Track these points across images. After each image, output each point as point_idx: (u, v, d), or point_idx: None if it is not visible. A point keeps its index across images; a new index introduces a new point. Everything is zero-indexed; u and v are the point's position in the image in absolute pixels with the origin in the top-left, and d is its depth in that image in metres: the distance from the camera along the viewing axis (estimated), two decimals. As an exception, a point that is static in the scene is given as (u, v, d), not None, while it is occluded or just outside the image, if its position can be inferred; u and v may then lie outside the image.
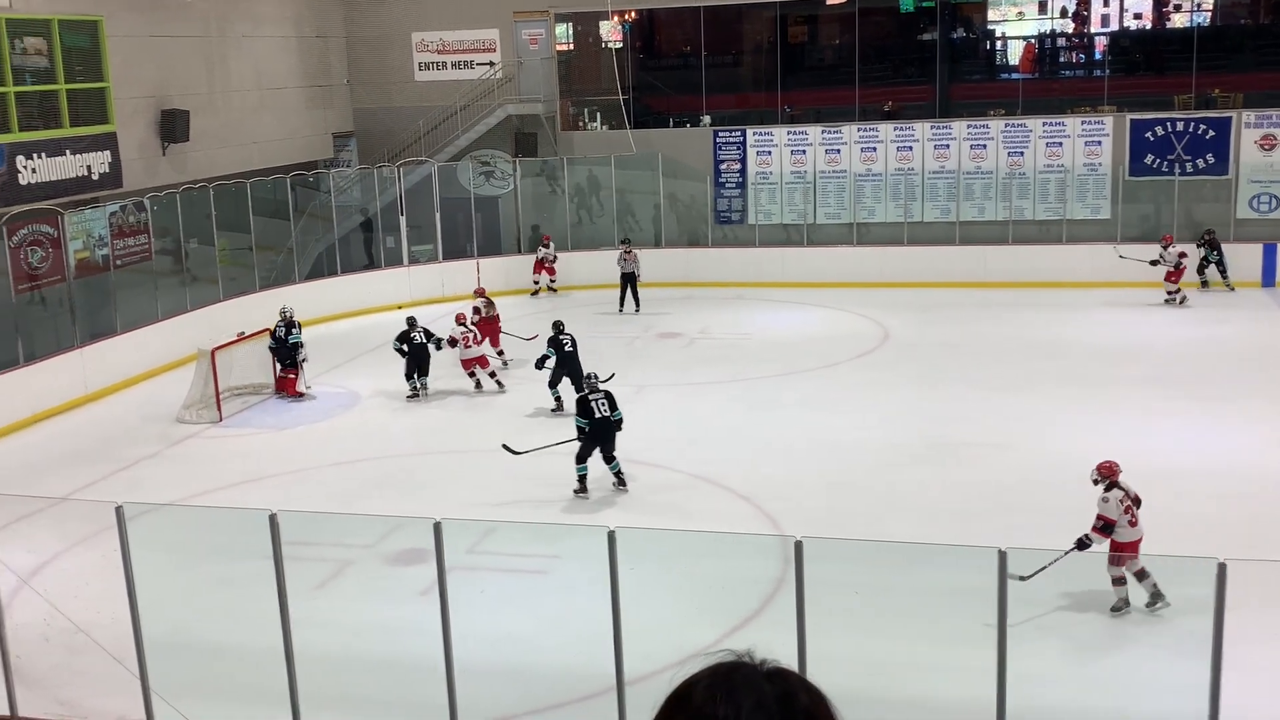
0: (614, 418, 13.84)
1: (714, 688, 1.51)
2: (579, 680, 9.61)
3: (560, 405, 17.47)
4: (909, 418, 16.55)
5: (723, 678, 1.52)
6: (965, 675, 9.38)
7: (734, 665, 1.54)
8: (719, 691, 1.50)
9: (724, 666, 1.54)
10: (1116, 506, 10.41)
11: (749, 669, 1.53)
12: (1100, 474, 10.69)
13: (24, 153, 19.27)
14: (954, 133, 26.25)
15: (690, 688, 1.53)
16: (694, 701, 1.50)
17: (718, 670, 1.54)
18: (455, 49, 28.62)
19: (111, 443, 16.95)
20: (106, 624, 9.81)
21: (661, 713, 1.54)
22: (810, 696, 1.53)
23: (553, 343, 17.59)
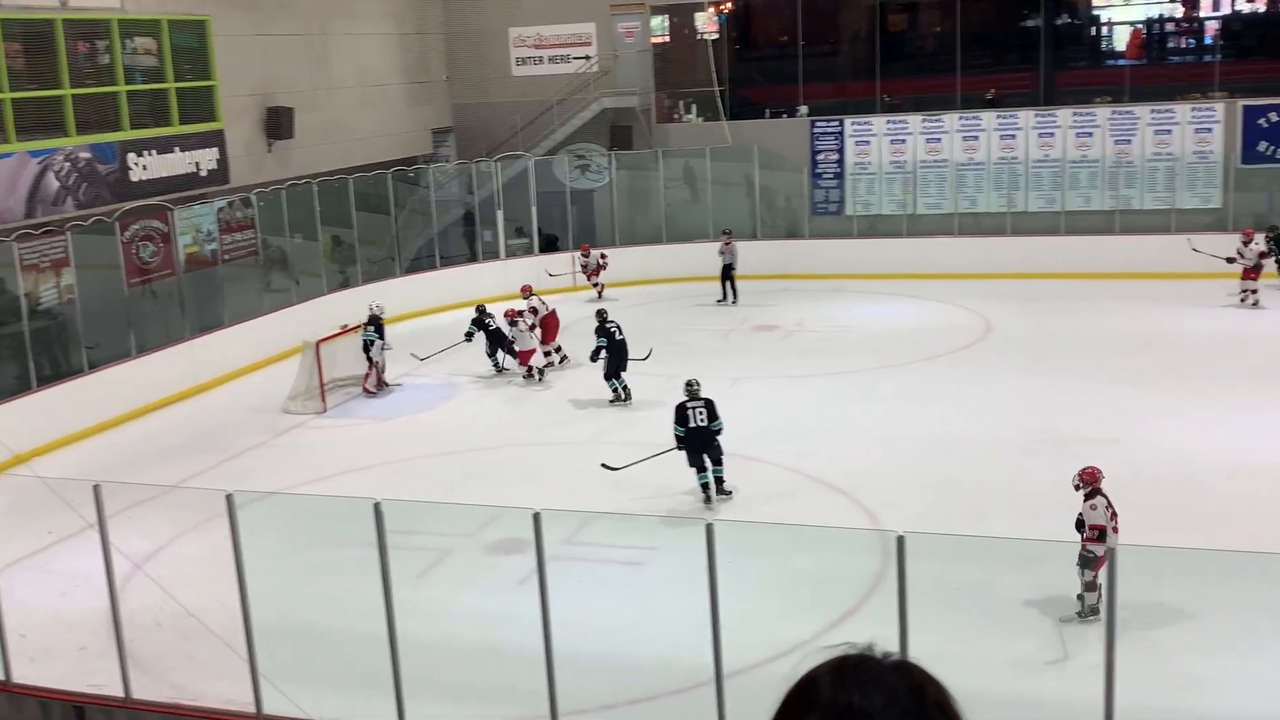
0: (713, 427, 13.35)
1: (843, 681, 1.47)
2: (676, 672, 9.61)
3: (618, 396, 17.65)
4: (1012, 411, 16.25)
5: (851, 671, 1.48)
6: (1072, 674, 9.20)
7: (860, 658, 1.51)
8: (850, 684, 1.46)
9: (850, 659, 1.51)
10: (1104, 513, 10.10)
11: (875, 662, 1.50)
12: (1083, 480, 10.34)
13: (135, 150, 19.81)
14: (1058, 121, 25.69)
15: (814, 681, 1.50)
16: (821, 695, 1.47)
17: (844, 663, 1.50)
18: (552, 43, 28.78)
19: (220, 432, 17.37)
20: (216, 609, 10.05)
21: (785, 706, 1.51)
22: (937, 689, 1.50)
23: (602, 332, 17.69)
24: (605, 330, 17.66)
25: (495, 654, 10.33)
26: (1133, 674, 8.03)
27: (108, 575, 9.28)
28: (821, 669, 1.51)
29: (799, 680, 1.52)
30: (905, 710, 1.44)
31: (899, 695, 1.45)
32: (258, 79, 23.31)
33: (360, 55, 26.61)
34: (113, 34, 19.38)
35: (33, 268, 17.32)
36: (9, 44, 17.68)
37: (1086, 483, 10.29)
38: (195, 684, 9.96)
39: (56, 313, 18.03)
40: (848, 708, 1.44)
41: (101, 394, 17.79)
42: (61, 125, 18.47)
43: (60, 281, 17.78)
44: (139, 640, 10.29)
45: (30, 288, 17.30)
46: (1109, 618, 7.39)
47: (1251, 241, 21.54)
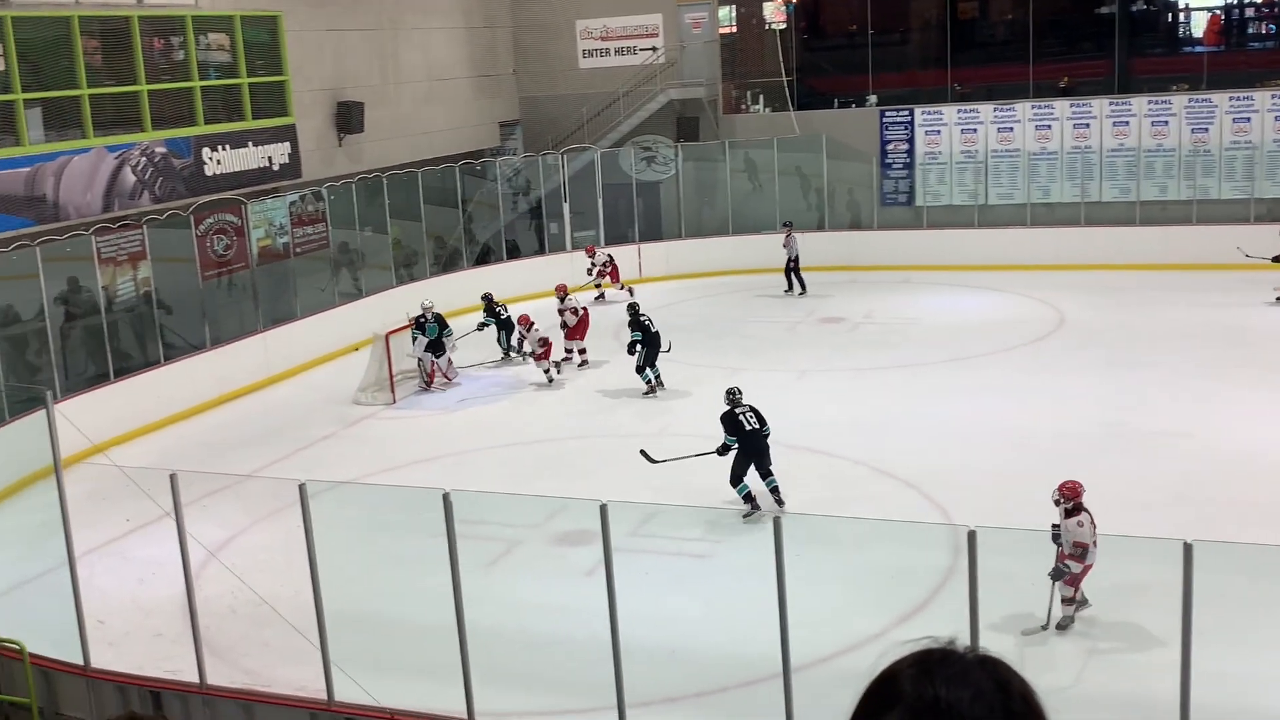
0: (764, 431, 12.99)
1: (928, 675, 1.45)
2: (744, 665, 9.58)
3: (652, 388, 17.79)
4: (1086, 405, 16.00)
5: (936, 665, 1.46)
6: (1147, 672, 9.04)
7: (945, 652, 1.48)
8: (936, 678, 1.44)
9: (934, 653, 1.48)
10: (1090, 530, 9.74)
11: (959, 656, 1.47)
12: (1064, 495, 9.93)
13: (209, 145, 20.13)
14: (1134, 109, 25.21)
15: (895, 676, 1.47)
16: (903, 689, 1.44)
17: (928, 657, 1.48)
18: (619, 35, 28.77)
19: (292, 423, 17.61)
20: (289, 597, 10.20)
21: (866, 701, 1.49)
22: (1021, 684, 1.47)
23: (637, 325, 17.75)
24: (640, 323, 17.79)
25: (562, 644, 10.38)
26: (1206, 671, 7.87)
27: (184, 562, 9.45)
28: (902, 663, 1.49)
29: (879, 675, 1.50)
30: (992, 705, 1.42)
31: (985, 690, 1.43)
32: (328, 74, 23.58)
33: (429, 49, 26.81)
34: (187, 30, 19.70)
35: (110, 261, 17.68)
36: (87, 41, 18.03)
37: (1068, 497, 9.90)
38: (269, 670, 10.11)
39: (133, 305, 18.39)
40: (934, 702, 1.42)
41: (177, 385, 18.13)
42: (138, 121, 18.82)
43: (137, 274, 18.13)
44: (214, 627, 10.47)
45: (108, 281, 17.65)
46: (1185, 614, 7.24)
47: None
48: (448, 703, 8.85)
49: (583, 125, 28.35)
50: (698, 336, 21.25)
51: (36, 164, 17.04)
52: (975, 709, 1.41)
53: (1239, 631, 9.63)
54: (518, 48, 29.70)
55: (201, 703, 9.47)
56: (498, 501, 12.24)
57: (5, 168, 16.60)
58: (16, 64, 16.67)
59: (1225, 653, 9.00)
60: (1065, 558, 9.80)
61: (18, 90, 16.76)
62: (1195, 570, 7.13)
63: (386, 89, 25.30)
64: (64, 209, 17.48)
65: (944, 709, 1.41)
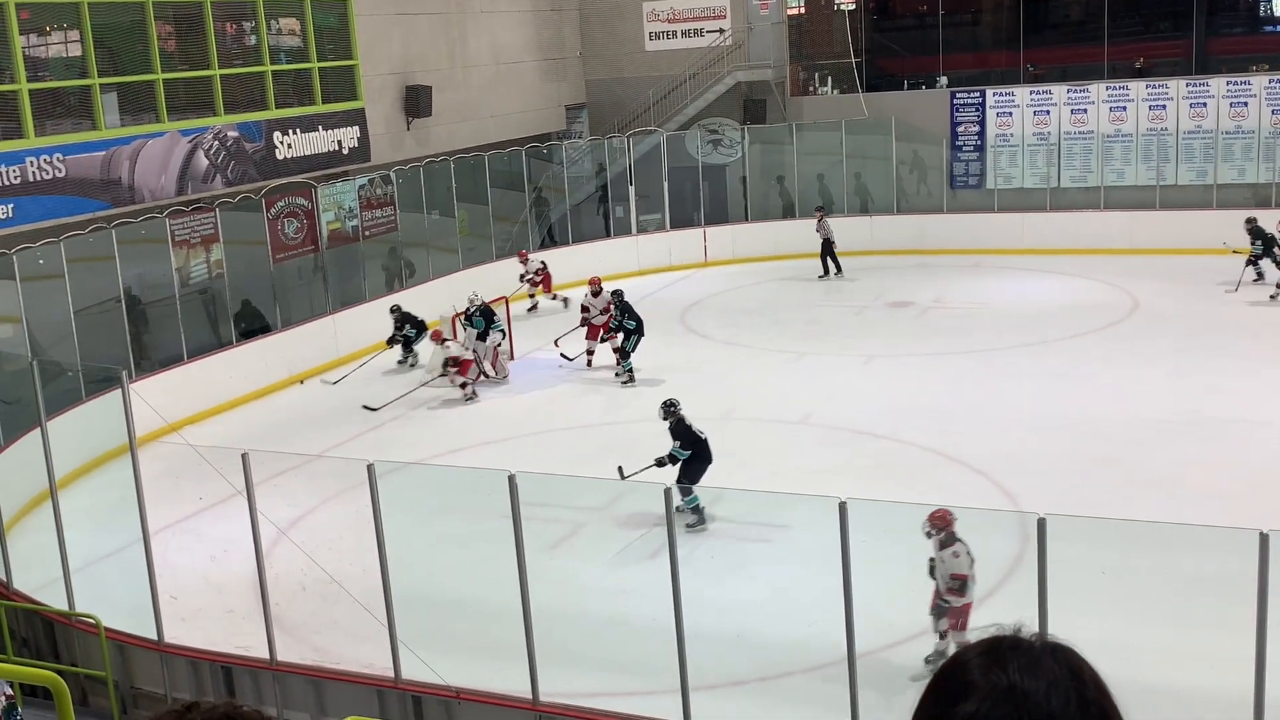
0: (701, 434, 12.73)
1: (1000, 662, 1.41)
2: (809, 650, 9.54)
3: (631, 377, 17.87)
4: (1160, 392, 15.71)
5: (1008, 652, 1.42)
6: (1220, 664, 8.86)
7: (1015, 640, 1.44)
8: (1009, 666, 1.40)
9: (1005, 640, 1.44)
10: (967, 561, 9.00)
11: (1030, 644, 1.44)
12: (934, 525, 9.12)
13: (280, 129, 20.36)
14: (1211, 90, 24.64)
15: (965, 664, 1.43)
16: (973, 677, 1.41)
17: (999, 644, 1.44)
18: (686, 17, 28.64)
19: (359, 404, 17.78)
20: (358, 576, 10.32)
21: (935, 690, 1.45)
22: (1093, 672, 1.44)
23: (633, 315, 17.96)
24: (635, 314, 17.98)
25: (626, 627, 10.40)
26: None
27: (255, 540, 9.60)
28: (971, 652, 1.45)
29: (947, 663, 1.47)
30: (1067, 694, 1.38)
31: (1059, 678, 1.39)
32: (397, 58, 23.73)
33: (496, 33, 26.88)
34: (258, 15, 19.92)
35: (184, 243, 17.96)
36: (161, 26, 18.31)
37: (939, 527, 9.13)
38: (337, 648, 10.24)
39: (206, 286, 18.68)
40: (1010, 690, 1.38)
41: (249, 365, 18.39)
42: (210, 105, 19.08)
43: (210, 257, 18.41)
44: (284, 604, 10.62)
45: (181, 263, 17.94)
46: (1260, 606, 7.09)
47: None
48: (512, 683, 8.91)
49: (649, 108, 28.29)
50: (763, 320, 21.17)
51: (112, 148, 17.35)
52: (1051, 697, 1.37)
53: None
54: (584, 31, 29.68)
55: (271, 679, 9.62)
56: (563, 483, 12.28)
57: (82, 151, 16.91)
58: (93, 49, 16.96)
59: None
60: (944, 594, 9.13)
61: (94, 75, 17.06)
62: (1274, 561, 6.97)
63: (454, 73, 25.41)
64: (139, 192, 17.78)
65: (1020, 696, 1.37)
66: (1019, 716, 1.37)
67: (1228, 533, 9.02)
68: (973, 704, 1.39)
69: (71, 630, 10.50)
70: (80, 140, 16.97)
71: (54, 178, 16.43)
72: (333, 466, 13.64)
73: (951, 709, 1.40)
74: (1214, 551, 9.83)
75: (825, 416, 15.68)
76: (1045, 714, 1.37)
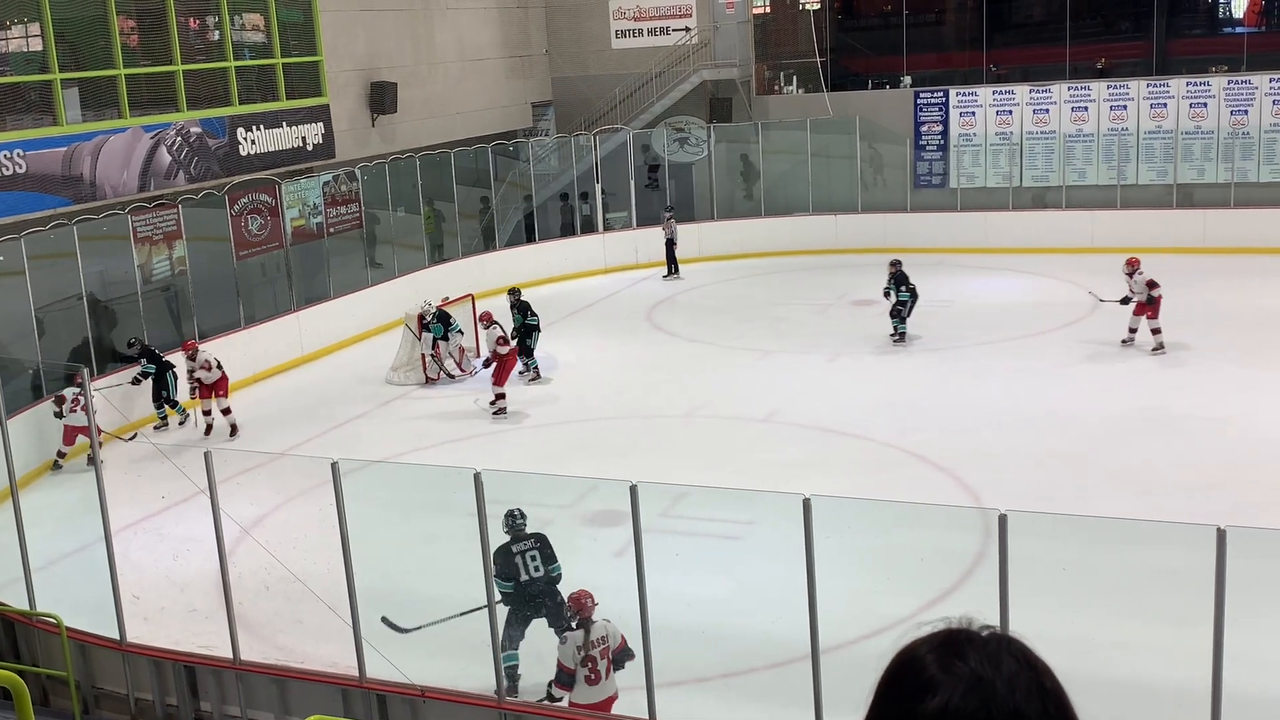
0: (552, 573, 9.39)
1: (959, 656, 1.40)
2: (773, 646, 9.60)
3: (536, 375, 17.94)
4: (1121, 389, 15.88)
5: (965, 645, 1.42)
6: (1178, 657, 8.98)
7: (969, 634, 1.44)
8: (970, 660, 1.40)
9: (960, 634, 1.44)
10: (574, 653, 8.20)
11: (984, 638, 1.44)
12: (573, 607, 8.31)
13: (244, 125, 20.23)
14: (1172, 90, 24.92)
15: (919, 659, 1.43)
16: (932, 673, 1.40)
17: (955, 637, 1.44)
18: (651, 15, 28.65)
19: (325, 402, 17.73)
20: (322, 574, 10.28)
21: (890, 687, 1.44)
22: (1044, 663, 1.44)
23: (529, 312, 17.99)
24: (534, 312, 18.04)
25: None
26: (1240, 657, 7.82)
27: (218, 539, 9.54)
28: (923, 646, 1.44)
29: (898, 660, 1.45)
30: (1027, 684, 1.39)
31: (1017, 669, 1.40)
32: (362, 54, 23.62)
33: (462, 30, 26.80)
34: (222, 10, 19.77)
35: (146, 240, 17.82)
36: (123, 21, 18.14)
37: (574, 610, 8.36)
38: (301, 647, 10.20)
39: (169, 284, 18.53)
40: (977, 681, 1.37)
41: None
42: (173, 101, 18.93)
43: (172, 254, 18.26)
44: (248, 603, 10.57)
45: (144, 260, 17.80)
46: (1218, 600, 7.19)
47: (1138, 271, 17.72)
48: (478, 681, 8.91)
49: (615, 106, 28.28)
50: (729, 319, 21.23)
51: (73, 143, 17.18)
52: (1015, 689, 1.37)
53: (1273, 618, 9.56)
54: (550, 28, 29.64)
55: (235, 678, 9.57)
56: (529, 481, 12.28)
57: (42, 147, 16.74)
58: (54, 44, 16.79)
59: (1258, 639, 8.93)
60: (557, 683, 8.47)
61: (55, 70, 16.88)
62: (1231, 556, 7.08)
63: (419, 69, 25.32)
64: (100, 188, 17.62)
65: (987, 689, 1.37)
66: (987, 708, 1.36)
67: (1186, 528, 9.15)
68: (941, 698, 1.37)
69: (32, 630, 10.41)
70: (41, 136, 16.79)
71: (14, 174, 16.26)
72: (297, 465, 13.57)
73: (916, 705, 1.39)
74: (1173, 547, 9.96)
75: (790, 414, 15.76)
76: (1010, 706, 1.37)
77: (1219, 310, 19.68)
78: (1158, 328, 17.38)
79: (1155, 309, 17.44)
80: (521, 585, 9.30)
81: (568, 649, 8.28)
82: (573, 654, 8.27)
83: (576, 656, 8.27)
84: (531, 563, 9.31)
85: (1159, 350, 17.30)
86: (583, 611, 8.34)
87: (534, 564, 9.31)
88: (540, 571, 9.31)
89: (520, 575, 9.28)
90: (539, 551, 9.35)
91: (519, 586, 9.29)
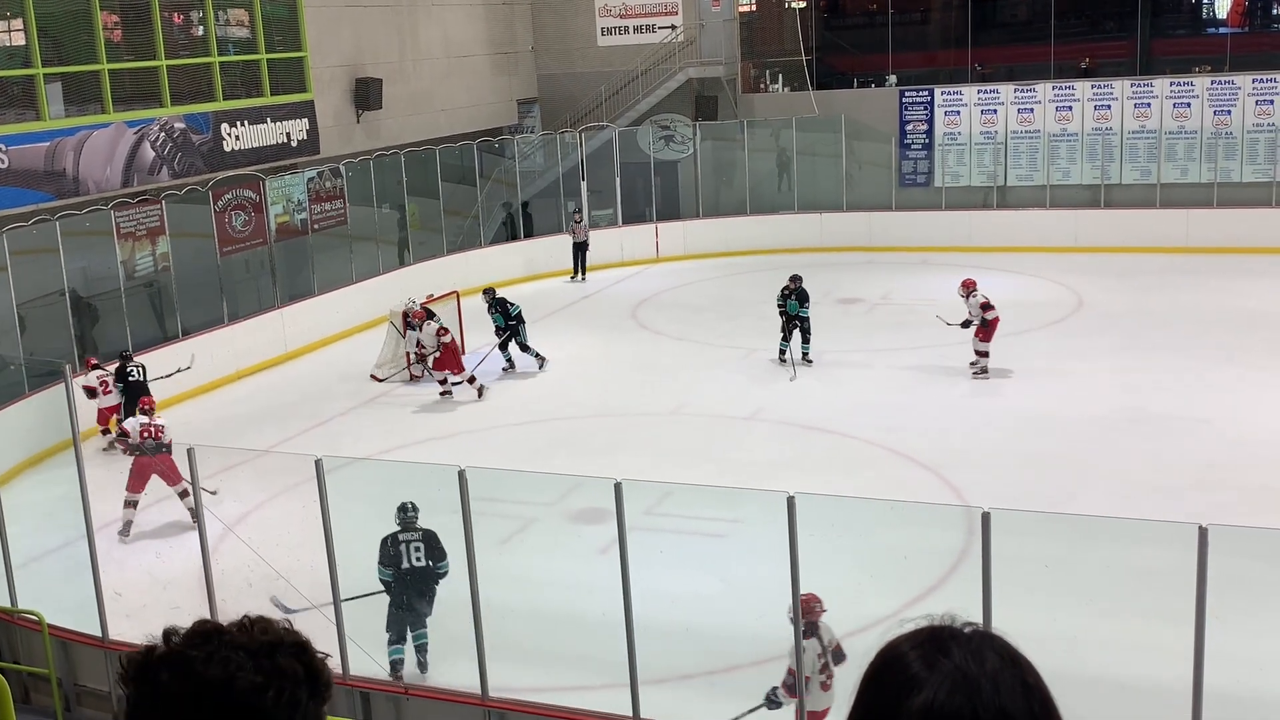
0: (438, 570, 9.62)
1: (945, 653, 1.39)
2: (757, 644, 9.60)
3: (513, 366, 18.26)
4: (1104, 388, 15.95)
5: (949, 642, 1.41)
6: (1160, 655, 9.02)
7: (952, 630, 1.43)
8: (955, 656, 1.39)
9: (943, 631, 1.44)
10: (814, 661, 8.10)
11: (966, 635, 1.43)
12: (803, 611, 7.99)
13: (228, 121, 20.15)
14: (1155, 90, 25.03)
15: (902, 656, 1.42)
16: (916, 670, 1.39)
17: (939, 634, 1.43)
18: (637, 12, 28.64)
19: (309, 399, 17.67)
20: (305, 571, 10.25)
21: (874, 687, 1.43)
22: (1025, 658, 1.44)
23: (500, 306, 18.18)
24: (506, 308, 18.26)
25: (576, 621, 10.42)
26: (1221, 655, 7.86)
27: (201, 536, 9.51)
28: (906, 644, 1.43)
29: (880, 659, 1.44)
30: (1011, 680, 1.38)
31: (1000, 665, 1.39)
32: (347, 50, 23.55)
33: (447, 26, 26.74)
34: (206, 5, 19.69)
35: (129, 236, 17.74)
36: (107, 15, 18.06)
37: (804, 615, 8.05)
38: (284, 644, 10.14)
39: (152, 280, 18.45)
40: (963, 678, 1.37)
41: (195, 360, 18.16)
42: (157, 96, 18.85)
43: (156, 249, 18.19)
44: (230, 600, 10.52)
45: (126, 255, 17.72)
46: (1199, 598, 7.23)
47: (973, 293, 17.05)
48: (462, 678, 8.90)
49: (601, 103, 28.27)
50: (714, 316, 21.24)
51: (56, 138, 17.09)
52: (999, 686, 1.37)
53: (1254, 616, 9.61)
54: (536, 25, 29.60)
55: (218, 675, 9.51)
56: (513, 479, 12.28)
57: (25, 142, 16.65)
58: (37, 38, 16.70)
59: (1239, 638, 8.98)
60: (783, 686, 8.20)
61: (38, 65, 16.79)
62: (1211, 555, 7.12)
63: (405, 66, 25.26)
64: (83, 184, 17.53)
65: (972, 685, 1.36)
66: (972, 705, 1.36)
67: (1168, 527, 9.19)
68: (927, 694, 1.36)
69: (14, 627, 10.35)
70: (24, 131, 16.70)
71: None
72: (280, 462, 13.53)
73: (902, 703, 1.38)
74: (1155, 545, 10.00)
75: (775, 412, 15.79)
76: (995, 703, 1.36)
77: (1201, 310, 19.78)
78: (986, 351, 16.69)
79: (989, 332, 16.68)
80: (401, 573, 9.62)
81: (808, 657, 8.04)
82: (813, 661, 8.07)
83: (816, 664, 8.08)
84: (415, 553, 9.61)
85: (981, 375, 16.66)
86: (810, 615, 8.10)
87: (416, 555, 9.61)
88: (422, 563, 9.60)
89: (401, 563, 9.61)
90: (424, 545, 9.62)
91: (399, 574, 9.62)
